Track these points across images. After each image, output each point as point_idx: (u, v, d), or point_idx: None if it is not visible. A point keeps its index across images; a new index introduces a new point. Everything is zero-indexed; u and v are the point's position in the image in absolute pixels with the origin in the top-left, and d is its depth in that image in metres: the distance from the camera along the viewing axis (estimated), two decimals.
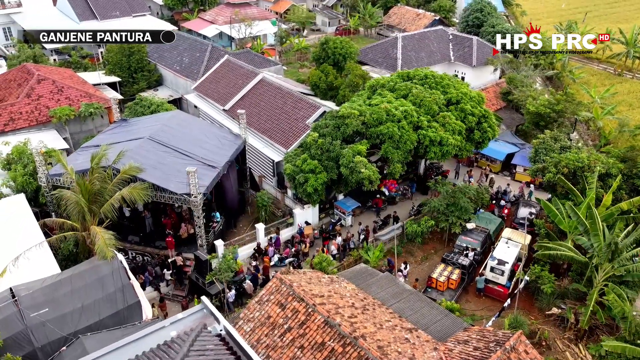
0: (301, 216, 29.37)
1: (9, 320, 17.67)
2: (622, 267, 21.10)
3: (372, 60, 48.18)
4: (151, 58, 46.24)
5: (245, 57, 44.52)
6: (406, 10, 69.08)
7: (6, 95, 35.98)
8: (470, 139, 30.72)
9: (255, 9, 67.04)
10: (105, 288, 19.40)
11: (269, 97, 35.39)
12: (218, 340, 12.88)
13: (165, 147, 26.52)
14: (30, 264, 20.84)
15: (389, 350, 17.18)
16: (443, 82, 31.69)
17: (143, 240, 26.86)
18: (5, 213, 24.52)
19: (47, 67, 40.10)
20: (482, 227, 28.14)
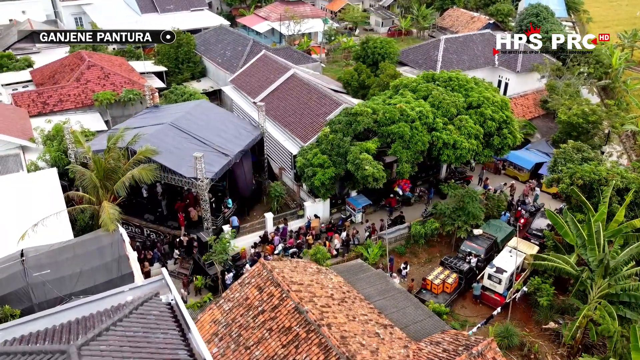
0: (311, 209, 30.01)
1: (14, 277, 19.63)
2: (619, 285, 20.14)
3: (412, 62, 47.90)
4: (198, 50, 48.48)
5: (284, 53, 45.73)
6: (461, 12, 67.75)
7: (60, 78, 39.17)
8: (490, 145, 30.14)
9: (308, 7, 68.21)
10: (103, 257, 21.03)
11: (297, 92, 36.29)
12: (166, 308, 13.86)
13: (184, 133, 28.06)
14: (48, 231, 22.89)
15: (351, 342, 17.54)
16: (467, 85, 31.25)
17: (157, 220, 28.55)
18: (36, 184, 26.99)
19: (100, 55, 43.14)
20: (489, 234, 27.57)
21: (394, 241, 29.08)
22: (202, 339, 19.41)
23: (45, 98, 36.13)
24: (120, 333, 11.95)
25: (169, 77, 46.67)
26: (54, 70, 40.66)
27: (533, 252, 25.65)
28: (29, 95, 36.02)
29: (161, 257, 26.73)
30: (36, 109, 35.39)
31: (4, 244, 22.31)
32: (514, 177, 35.74)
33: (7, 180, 27.37)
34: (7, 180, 27.29)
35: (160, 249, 26.78)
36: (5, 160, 29.49)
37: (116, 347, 11.42)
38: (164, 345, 12.34)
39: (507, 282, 24.43)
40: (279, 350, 17.69)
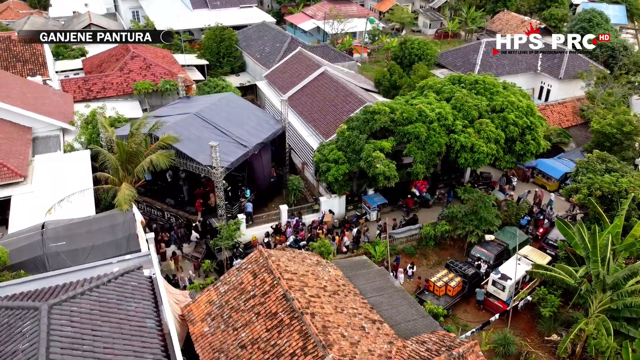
0: (326, 204, 30.47)
1: (33, 246, 21.36)
2: (621, 300, 19.38)
3: (451, 64, 47.27)
4: (239, 46, 50.00)
5: (321, 51, 46.37)
6: (512, 16, 65.93)
7: (106, 67, 41.61)
8: (512, 151, 29.52)
9: (354, 7, 68.54)
10: (115, 234, 22.44)
11: (325, 90, 36.83)
12: (146, 281, 14.84)
13: (206, 123, 29.25)
14: (73, 207, 24.69)
15: (332, 332, 17.93)
16: (493, 89, 30.72)
17: (177, 204, 29.92)
18: (70, 164, 28.99)
19: (145, 47, 45.27)
20: (501, 241, 27.06)
21: (405, 241, 29.07)
22: (197, 317, 20.46)
23: (90, 85, 38.52)
24: (94, 298, 12.96)
25: (210, 71, 48.41)
26: (102, 59, 43.19)
27: (543, 262, 24.98)
28: (75, 82, 38.51)
29: (177, 239, 28.01)
30: (81, 95, 37.79)
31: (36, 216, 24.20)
32: (542, 185, 34.72)
33: (45, 158, 29.56)
34: (45, 159, 29.48)
35: (176, 232, 28.08)
36: (47, 140, 31.79)
37: (86, 310, 12.42)
38: (134, 313, 13.26)
39: (512, 290, 23.94)
40: (263, 334, 18.34)
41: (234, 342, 18.71)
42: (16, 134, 30.25)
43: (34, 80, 36.97)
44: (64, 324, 11.68)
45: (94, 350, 11.44)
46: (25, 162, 28.11)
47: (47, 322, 11.44)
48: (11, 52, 38.91)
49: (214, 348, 19.01)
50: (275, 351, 17.62)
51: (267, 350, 17.80)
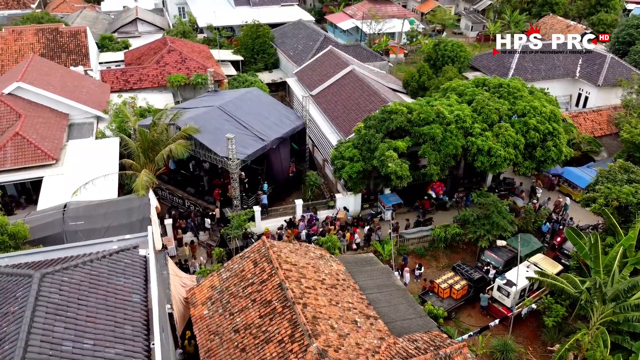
0: (342, 201, 30.83)
1: (54, 224, 22.87)
2: (622, 314, 18.82)
3: (485, 67, 46.47)
4: (275, 43, 50.93)
5: (353, 50, 46.65)
6: (557, 20, 63.85)
7: (144, 60, 43.45)
8: (532, 157, 28.97)
9: (395, 7, 68.28)
10: (130, 217, 23.66)
11: (350, 88, 37.15)
12: (140, 259, 15.74)
13: (228, 116, 30.20)
14: (98, 190, 26.17)
15: (322, 323, 18.35)
16: (517, 94, 30.20)
17: (197, 193, 31.03)
18: (99, 150, 30.64)
19: (184, 41, 47.02)
20: (512, 247, 26.62)
21: (417, 242, 29.05)
22: (199, 301, 21.33)
23: (127, 76, 40.38)
24: (86, 271, 13.93)
25: (244, 66, 49.60)
26: (141, 52, 45.12)
27: (554, 271, 24.46)
28: (114, 73, 40.46)
29: (194, 227, 29.10)
30: (119, 85, 39.68)
31: (64, 197, 25.78)
32: (567, 194, 33.77)
33: (78, 143, 31.38)
34: (77, 144, 31.29)
35: (193, 219, 29.17)
36: (82, 127, 33.65)
37: (76, 281, 13.39)
38: (122, 288, 14.15)
39: (517, 297, 23.59)
40: (256, 320, 18.99)
41: (229, 326, 19.45)
42: (54, 120, 32.21)
43: (76, 70, 39.13)
44: (52, 291, 12.67)
45: (76, 317, 12.36)
46: (59, 146, 29.92)
47: (37, 289, 12.45)
48: (57, 43, 41.28)
49: (210, 330, 19.82)
50: (265, 337, 18.22)
51: (258, 336, 18.43)
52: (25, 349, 10.85)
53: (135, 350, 12.41)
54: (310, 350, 16.68)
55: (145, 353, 12.58)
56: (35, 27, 42.20)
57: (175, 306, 21.26)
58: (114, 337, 12.46)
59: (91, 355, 11.66)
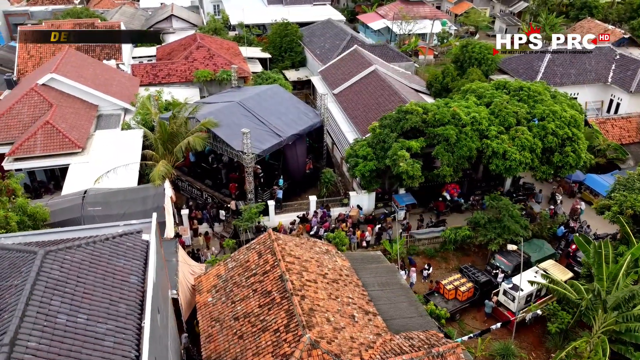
0: (355, 199, 31.11)
1: (74, 208, 24.05)
2: (624, 323, 18.43)
3: (513, 70, 45.71)
4: (303, 41, 51.49)
5: (379, 50, 46.74)
6: (594, 24, 62.09)
7: (174, 55, 44.75)
8: (550, 161, 28.52)
9: (427, 8, 67.80)
10: (145, 205, 24.65)
11: (372, 88, 37.33)
12: (142, 243, 16.48)
13: (247, 112, 30.91)
14: (119, 178, 27.34)
15: (318, 315, 18.72)
16: (538, 97, 29.78)
17: (215, 186, 31.87)
18: (124, 140, 31.86)
19: (213, 38, 48.15)
20: (523, 252, 26.27)
21: (428, 243, 29.04)
22: (204, 288, 22.04)
23: (157, 71, 41.72)
24: (88, 251, 14.74)
25: (272, 64, 50.39)
26: (172, 48, 46.48)
27: (563, 278, 24.06)
28: (144, 67, 41.87)
29: (209, 218, 29.92)
30: (148, 79, 41.05)
31: (87, 184, 27.02)
32: (588, 201, 33.00)
33: (104, 133, 32.74)
34: (104, 134, 32.65)
35: (209, 211, 30.00)
36: (109, 118, 35.05)
37: (78, 260, 14.20)
38: (122, 269, 14.89)
39: (522, 302, 23.35)
40: (255, 309, 19.53)
41: (230, 314, 20.08)
42: (83, 110, 33.68)
43: (108, 64, 40.70)
44: (54, 268, 13.48)
45: (74, 293, 13.13)
46: (86, 136, 31.29)
47: (40, 265, 13.29)
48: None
49: (212, 317, 20.50)
50: (263, 326, 18.74)
51: (256, 324, 18.96)
52: (22, 319, 11.64)
53: (127, 328, 13.08)
54: (303, 340, 17.08)
55: (136, 331, 13.24)
56: (72, 21, 44.11)
57: (182, 292, 22.04)
58: (108, 313, 13.17)
59: (83, 328, 12.39)
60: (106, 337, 12.54)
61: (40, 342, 11.48)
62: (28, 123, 31.15)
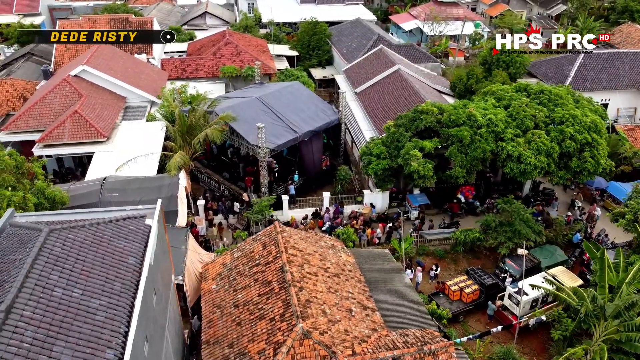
0: (369, 197, 31.27)
1: (92, 194, 25.17)
2: (624, 333, 18.00)
3: (542, 74, 44.82)
4: (331, 40, 51.85)
5: (406, 50, 46.63)
6: (635, 29, 59.98)
7: (203, 51, 45.90)
8: (567, 167, 27.96)
9: (461, 10, 67.05)
10: (160, 193, 25.51)
11: (393, 88, 37.37)
12: (144, 227, 17.22)
13: (266, 107, 31.54)
14: (139, 167, 28.46)
15: (314, 307, 19.07)
16: (559, 101, 29.22)
17: (232, 179, 32.63)
18: (148, 131, 32.99)
19: (241, 35, 49.10)
20: (533, 257, 25.90)
21: (438, 244, 28.94)
22: (210, 276, 22.71)
23: (185, 66, 42.92)
24: (91, 232, 15.55)
25: (299, 62, 50.98)
26: (202, 44, 47.67)
27: (572, 285, 23.59)
28: (173, 62, 43.15)
29: (224, 210, 30.69)
30: (176, 74, 42.29)
31: (110, 172, 28.20)
32: (608, 209, 32.12)
33: (130, 124, 34.02)
34: (129, 125, 33.93)
35: (224, 203, 30.76)
36: (136, 110, 36.34)
37: (80, 239, 15.02)
38: (121, 250, 15.65)
39: (527, 306, 23.05)
40: (255, 298, 20.06)
41: (231, 301, 20.67)
42: (111, 101, 35.05)
43: (139, 58, 42.12)
44: (56, 245, 14.32)
45: (72, 269, 13.92)
46: (111, 126, 32.57)
47: (43, 241, 14.15)
48: None
49: (214, 304, 21.14)
50: (260, 314, 19.24)
51: (254, 312, 19.48)
52: (20, 289, 12.46)
53: (119, 305, 13.78)
54: (296, 330, 17.47)
55: (129, 308, 13.92)
56: (108, 16, 45.87)
57: (188, 279, 22.80)
58: (102, 290, 13.91)
59: (77, 302, 13.15)
60: (98, 312, 13.25)
61: (35, 312, 12.27)
62: (59, 112, 32.68)
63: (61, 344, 11.95)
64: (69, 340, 12.17)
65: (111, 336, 12.85)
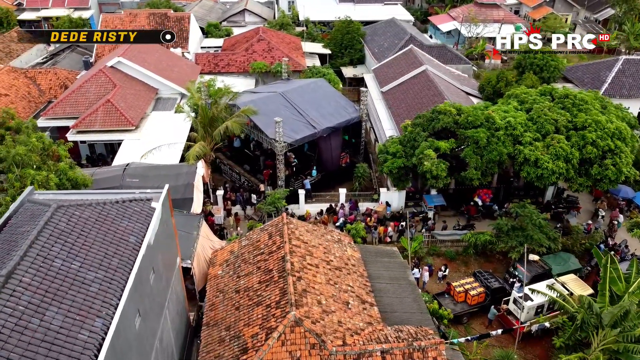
0: (385, 196, 31.42)
1: (115, 178, 26.47)
2: (622, 343, 17.53)
3: (578, 79, 43.52)
4: (365, 39, 52.04)
5: (437, 51, 46.30)
6: None
7: (237, 47, 47.08)
8: (588, 173, 27.26)
9: (502, 12, 65.79)
10: (177, 181, 26.60)
11: (419, 88, 37.29)
12: (149, 209, 18.14)
13: (287, 102, 32.20)
14: (163, 155, 29.69)
15: (310, 297, 19.53)
16: (583, 106, 28.51)
17: (252, 171, 33.47)
18: (175, 122, 34.26)
19: (275, 32, 49.98)
20: (544, 263, 25.42)
21: (450, 245, 28.80)
22: (217, 262, 23.52)
23: (217, 60, 44.19)
24: (97, 211, 16.57)
25: (331, 60, 51.45)
26: (236, 40, 48.89)
27: (582, 293, 23.06)
28: (206, 57, 44.49)
29: (242, 201, 31.55)
30: (209, 68, 43.62)
31: (135, 159, 29.54)
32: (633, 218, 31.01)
33: (159, 114, 35.45)
34: (158, 115, 35.35)
35: (242, 194, 31.62)
36: (167, 101, 37.78)
37: (85, 216, 16.05)
38: (124, 229, 16.58)
39: (532, 312, 22.71)
40: (255, 285, 20.71)
41: (233, 287, 21.40)
42: (143, 92, 36.59)
43: (174, 52, 43.69)
44: (62, 220, 15.38)
45: (74, 243, 14.92)
46: (141, 115, 34.03)
47: (50, 216, 15.23)
48: (164, 26, 46.30)
49: (218, 288, 21.94)
50: (258, 300, 19.87)
51: (253, 299, 20.13)
52: (22, 257, 13.52)
53: (114, 279, 14.67)
54: (288, 317, 17.98)
55: (124, 283, 14.80)
56: (148, 11, 47.71)
57: (198, 264, 23.70)
58: (100, 264, 14.83)
59: (75, 273, 14.11)
60: (93, 284, 14.17)
61: (33, 279, 13.28)
62: (93, 100, 34.41)
63: (54, 310, 12.89)
64: (62, 307, 13.10)
65: (102, 306, 13.73)
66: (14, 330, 11.92)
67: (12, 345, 11.65)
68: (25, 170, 20.94)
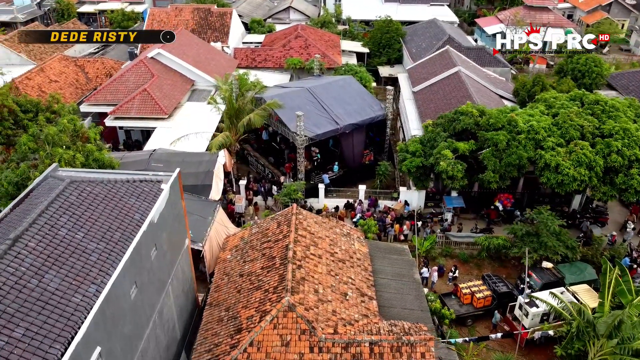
0: (405, 195, 31.45)
1: (141, 162, 27.93)
2: (618, 355, 17.00)
3: (622, 87, 41.80)
4: (405, 39, 51.88)
5: (475, 53, 45.60)
6: None
7: (276, 43, 48.11)
8: (613, 182, 26.35)
9: (552, 15, 63.71)
10: (198, 168, 27.79)
11: (449, 89, 36.98)
12: (157, 190, 19.21)
13: (313, 98, 32.80)
14: (191, 143, 31.02)
15: (307, 285, 20.07)
16: (613, 113, 27.56)
17: (276, 163, 34.31)
18: (206, 112, 35.57)
19: (314, 30, 50.65)
20: (557, 271, 24.78)
21: (465, 247, 28.54)
22: (228, 247, 24.44)
23: (255, 55, 45.38)
24: (107, 188, 17.78)
25: (369, 59, 51.64)
26: (276, 37, 49.94)
27: (592, 304, 22.42)
28: (244, 52, 45.76)
29: (263, 191, 32.44)
30: (246, 62, 44.87)
31: (166, 145, 31.01)
32: None
33: (192, 105, 36.91)
34: (191, 105, 36.81)
35: (264, 185, 32.51)
36: (202, 93, 39.24)
37: (95, 192, 17.27)
38: (130, 206, 17.70)
39: (537, 319, 22.27)
40: (258, 270, 21.47)
41: (238, 271, 22.24)
42: (179, 83, 38.19)
43: (214, 45, 45.22)
44: (72, 193, 16.64)
45: (81, 215, 16.12)
46: (174, 105, 35.57)
47: (62, 189, 16.53)
48: (207, 21, 48.02)
49: (225, 272, 22.85)
50: (258, 284, 20.60)
51: (253, 283, 20.88)
52: (31, 224, 14.81)
53: (113, 250, 15.75)
54: (282, 302, 18.60)
55: (122, 255, 15.85)
56: (193, 6, 49.55)
57: (209, 247, 24.75)
58: (102, 236, 15.96)
59: (77, 243, 15.27)
60: (93, 254, 15.29)
61: (38, 245, 14.52)
62: (132, 89, 36.27)
63: (52, 273, 14.05)
64: (60, 272, 14.26)
65: (98, 274, 14.81)
66: (13, 288, 13.13)
67: (9, 300, 12.85)
68: (55, 149, 22.55)
